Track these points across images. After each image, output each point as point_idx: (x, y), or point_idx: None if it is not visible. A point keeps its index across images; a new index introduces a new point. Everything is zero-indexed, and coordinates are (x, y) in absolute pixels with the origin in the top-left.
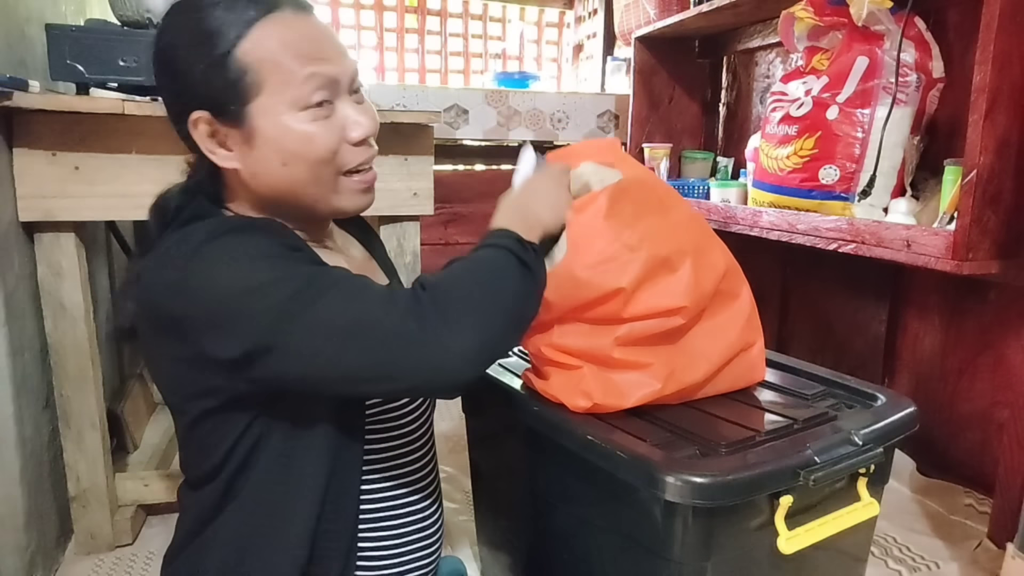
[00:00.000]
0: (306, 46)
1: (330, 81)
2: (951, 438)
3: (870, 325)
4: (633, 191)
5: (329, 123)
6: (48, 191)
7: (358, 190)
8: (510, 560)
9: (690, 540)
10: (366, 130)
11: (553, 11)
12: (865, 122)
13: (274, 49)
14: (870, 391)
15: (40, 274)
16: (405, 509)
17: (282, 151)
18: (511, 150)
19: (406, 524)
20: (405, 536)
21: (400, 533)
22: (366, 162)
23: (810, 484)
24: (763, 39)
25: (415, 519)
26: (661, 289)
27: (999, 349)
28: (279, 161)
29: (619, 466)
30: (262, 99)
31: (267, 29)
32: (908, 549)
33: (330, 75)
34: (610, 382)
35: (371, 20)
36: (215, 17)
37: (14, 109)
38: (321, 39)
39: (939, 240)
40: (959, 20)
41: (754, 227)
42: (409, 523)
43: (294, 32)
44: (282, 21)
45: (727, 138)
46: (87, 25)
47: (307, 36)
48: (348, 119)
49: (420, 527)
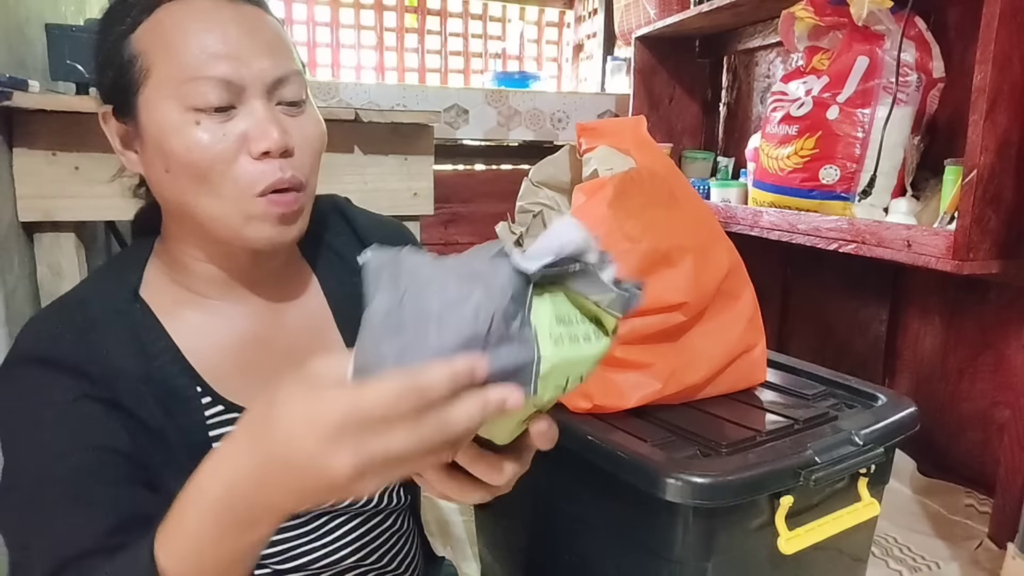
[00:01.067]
0: (208, 38)
1: (226, 82)
2: (952, 438)
3: (870, 325)
4: (642, 181)
5: (223, 129)
6: (48, 191)
7: (268, 217)
8: (510, 561)
9: (691, 540)
10: (271, 143)
11: (553, 11)
12: (865, 122)
13: (168, 35)
14: (871, 391)
15: (40, 274)
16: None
17: (163, 153)
18: (511, 150)
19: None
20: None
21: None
22: (281, 183)
23: (811, 484)
24: (763, 39)
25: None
26: (661, 283)
27: (1000, 349)
28: (162, 166)
29: (620, 466)
30: (148, 90)
31: (171, 12)
32: (909, 549)
33: (227, 75)
34: (610, 382)
35: (371, 20)
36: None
37: (14, 109)
38: (233, 33)
39: (940, 240)
40: (959, 20)
41: (754, 227)
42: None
43: (199, 20)
44: (191, 5)
45: (727, 138)
46: (87, 25)
47: (211, 25)
48: (251, 128)
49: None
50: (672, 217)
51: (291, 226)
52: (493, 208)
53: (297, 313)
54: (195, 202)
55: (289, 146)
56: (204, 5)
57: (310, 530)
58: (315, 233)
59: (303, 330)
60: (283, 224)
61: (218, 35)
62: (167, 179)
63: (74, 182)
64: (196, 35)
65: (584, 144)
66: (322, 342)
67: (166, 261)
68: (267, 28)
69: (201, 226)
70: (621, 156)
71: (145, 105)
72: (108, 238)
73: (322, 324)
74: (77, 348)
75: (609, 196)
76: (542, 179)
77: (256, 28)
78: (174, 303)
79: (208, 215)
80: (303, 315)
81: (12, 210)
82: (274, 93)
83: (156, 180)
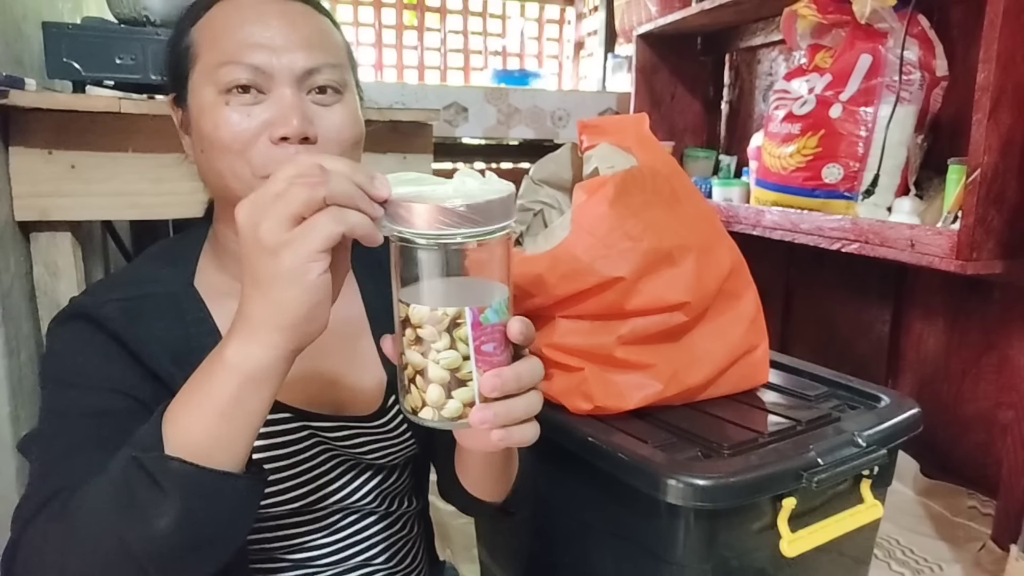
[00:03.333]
0: (249, 28)
1: (254, 69)
2: (955, 440)
3: (873, 325)
4: (644, 180)
5: (250, 112)
6: (44, 190)
7: None
8: (510, 563)
9: (692, 543)
10: (289, 129)
11: (554, 8)
12: (868, 120)
13: (216, 26)
14: (873, 392)
15: (36, 274)
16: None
17: (200, 133)
18: (511, 148)
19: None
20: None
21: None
22: None
23: (813, 486)
24: (766, 36)
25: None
26: (663, 283)
27: (1003, 350)
28: (199, 146)
29: (621, 468)
30: (195, 75)
31: (224, 8)
32: (912, 551)
33: (258, 62)
34: (611, 384)
35: (369, 17)
36: (193, 1)
37: (10, 107)
38: (273, 25)
39: (943, 240)
40: (963, 18)
41: (757, 226)
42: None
43: (243, 12)
44: (243, 2)
45: (730, 136)
46: (84, 23)
47: (255, 18)
48: (275, 114)
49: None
50: (674, 216)
51: None
52: None
53: (334, 317)
54: (223, 183)
55: (310, 134)
56: (253, 1)
57: (323, 525)
58: None
59: (338, 335)
60: None
61: (258, 26)
62: (203, 159)
63: (70, 181)
64: (239, 25)
65: (586, 142)
66: (355, 350)
67: (215, 248)
68: (310, 24)
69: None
70: (623, 154)
71: (192, 90)
72: (105, 237)
73: (357, 327)
74: (123, 317)
75: (610, 194)
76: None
77: (298, 23)
78: (221, 293)
79: (235, 195)
80: (340, 320)
81: (8, 209)
82: (305, 83)
83: (197, 161)
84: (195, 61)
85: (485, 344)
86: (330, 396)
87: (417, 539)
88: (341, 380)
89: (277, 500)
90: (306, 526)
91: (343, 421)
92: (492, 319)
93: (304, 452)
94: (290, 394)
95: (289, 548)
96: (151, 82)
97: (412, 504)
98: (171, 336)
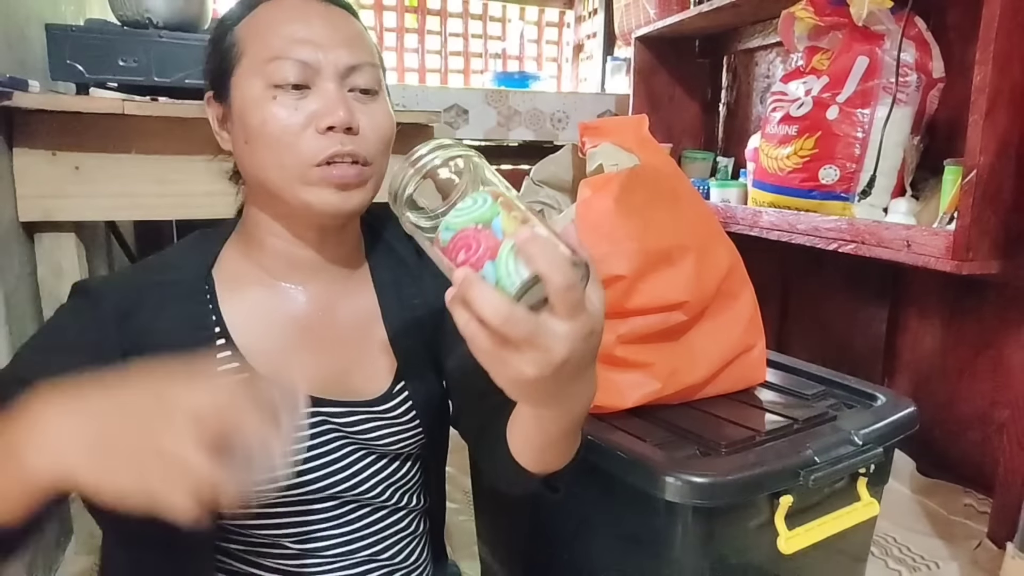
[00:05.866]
0: (294, 27)
1: (302, 64)
2: (951, 438)
3: (870, 325)
4: (647, 179)
5: (297, 105)
6: (48, 191)
7: (327, 184)
8: (510, 561)
9: (690, 540)
10: (336, 119)
11: (553, 11)
12: (865, 122)
13: (261, 25)
14: (870, 391)
15: (40, 274)
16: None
17: (244, 126)
18: (511, 150)
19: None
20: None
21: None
22: (338, 155)
23: (810, 484)
24: (763, 39)
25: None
26: (662, 282)
27: (999, 349)
28: (243, 138)
29: (619, 466)
30: (240, 71)
31: (268, 8)
32: (908, 549)
33: (305, 58)
34: (610, 382)
35: (370, 20)
36: (237, 2)
37: (14, 109)
38: (316, 24)
39: (939, 240)
40: (959, 20)
41: (754, 227)
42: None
43: (287, 12)
44: (286, 3)
45: (727, 138)
46: (87, 25)
47: (299, 18)
48: (321, 106)
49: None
50: (674, 216)
51: (350, 193)
52: None
53: (349, 307)
54: (265, 174)
55: (354, 124)
56: (296, 3)
57: (332, 516)
58: (377, 233)
59: (351, 325)
60: (341, 191)
61: (302, 25)
62: (246, 150)
63: (74, 182)
64: (284, 24)
65: (587, 143)
66: (366, 339)
67: (243, 237)
68: (349, 26)
69: (273, 198)
70: (625, 153)
71: (236, 84)
72: (108, 238)
73: (370, 322)
74: (126, 301)
75: (615, 192)
76: (543, 178)
77: (338, 25)
78: (240, 278)
79: (276, 185)
80: (354, 310)
81: (12, 210)
82: (347, 79)
83: (238, 153)
84: (240, 58)
85: (457, 256)
86: (341, 383)
87: (423, 537)
88: (351, 367)
89: (288, 486)
90: (315, 515)
91: (352, 406)
92: (446, 237)
93: (316, 439)
94: (303, 382)
95: (297, 537)
96: (154, 84)
97: (420, 502)
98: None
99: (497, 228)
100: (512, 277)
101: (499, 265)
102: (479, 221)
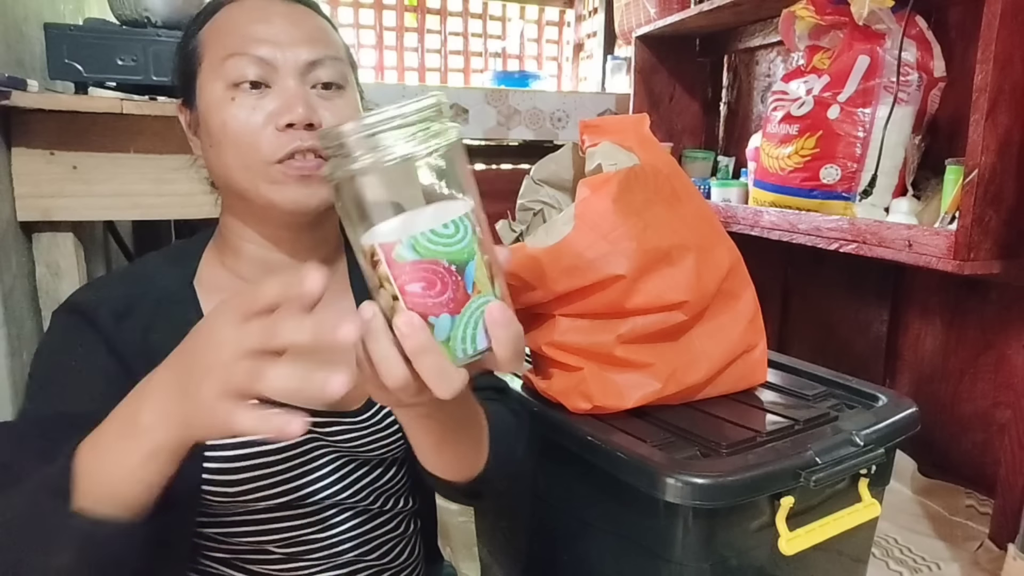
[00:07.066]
0: (253, 26)
1: (260, 61)
2: (952, 439)
3: (871, 325)
4: (646, 178)
5: (256, 105)
6: (46, 191)
7: (290, 177)
8: (510, 561)
9: (691, 541)
10: (295, 116)
11: (553, 10)
12: (866, 121)
13: (222, 27)
14: (871, 391)
15: (38, 274)
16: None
17: (208, 129)
18: (511, 149)
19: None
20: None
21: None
22: (299, 151)
23: (811, 485)
24: (764, 38)
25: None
26: (662, 282)
27: (1001, 349)
28: (208, 142)
29: (620, 467)
30: (202, 74)
31: (229, 10)
32: (909, 550)
33: (261, 54)
34: (610, 383)
35: (370, 19)
36: (203, 5)
37: (12, 108)
38: (276, 22)
39: (940, 240)
40: (960, 19)
41: (755, 227)
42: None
43: (248, 13)
44: (248, 4)
45: (728, 137)
46: (85, 24)
47: (260, 18)
48: (280, 104)
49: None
50: (674, 215)
51: (314, 189)
52: (492, 207)
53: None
54: (230, 175)
55: (315, 120)
56: (257, 3)
57: (316, 520)
58: None
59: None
60: (305, 186)
61: (261, 23)
62: (212, 154)
63: (72, 181)
64: (244, 24)
65: (587, 141)
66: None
67: (219, 245)
68: (311, 23)
69: (242, 200)
70: (625, 152)
71: (199, 89)
72: (106, 238)
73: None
74: (115, 319)
75: (614, 191)
76: (544, 177)
77: (299, 22)
78: (221, 289)
79: (241, 187)
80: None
81: (10, 209)
82: (308, 75)
83: (206, 158)
84: (201, 60)
85: (409, 284)
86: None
87: (413, 537)
88: None
89: (270, 494)
90: (298, 520)
91: (333, 417)
92: (406, 256)
93: (297, 447)
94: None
95: (281, 542)
96: (152, 83)
97: (408, 504)
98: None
99: (469, 277)
100: (467, 344)
101: (459, 324)
102: (453, 260)
